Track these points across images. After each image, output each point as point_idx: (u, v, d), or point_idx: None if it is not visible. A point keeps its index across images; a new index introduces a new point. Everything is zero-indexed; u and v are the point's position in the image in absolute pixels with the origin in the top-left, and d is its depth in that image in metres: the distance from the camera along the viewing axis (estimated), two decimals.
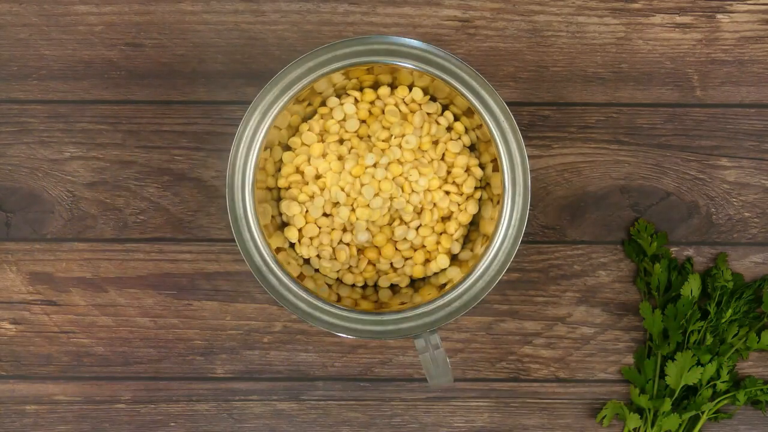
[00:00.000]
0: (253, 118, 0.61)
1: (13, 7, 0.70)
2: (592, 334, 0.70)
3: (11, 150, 0.70)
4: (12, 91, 0.70)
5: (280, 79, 0.61)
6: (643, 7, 0.70)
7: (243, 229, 0.61)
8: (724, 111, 0.70)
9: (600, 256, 0.70)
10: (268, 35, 0.70)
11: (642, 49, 0.70)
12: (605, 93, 0.70)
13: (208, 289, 0.70)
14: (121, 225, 0.70)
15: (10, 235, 0.70)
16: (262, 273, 0.62)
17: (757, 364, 0.70)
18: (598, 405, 0.70)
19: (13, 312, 0.70)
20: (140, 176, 0.70)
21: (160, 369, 0.70)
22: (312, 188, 0.65)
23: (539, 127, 0.70)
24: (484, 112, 0.61)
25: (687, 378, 0.66)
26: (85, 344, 0.70)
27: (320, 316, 0.61)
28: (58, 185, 0.70)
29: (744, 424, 0.70)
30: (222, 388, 0.70)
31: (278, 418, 0.70)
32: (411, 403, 0.71)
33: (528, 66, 0.70)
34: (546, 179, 0.70)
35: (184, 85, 0.70)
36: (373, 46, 0.61)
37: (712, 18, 0.70)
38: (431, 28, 0.70)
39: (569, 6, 0.70)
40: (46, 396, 0.70)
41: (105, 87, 0.70)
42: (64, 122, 0.70)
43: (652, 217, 0.70)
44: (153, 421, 0.70)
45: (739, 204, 0.70)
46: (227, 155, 0.62)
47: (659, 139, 0.70)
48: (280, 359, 0.70)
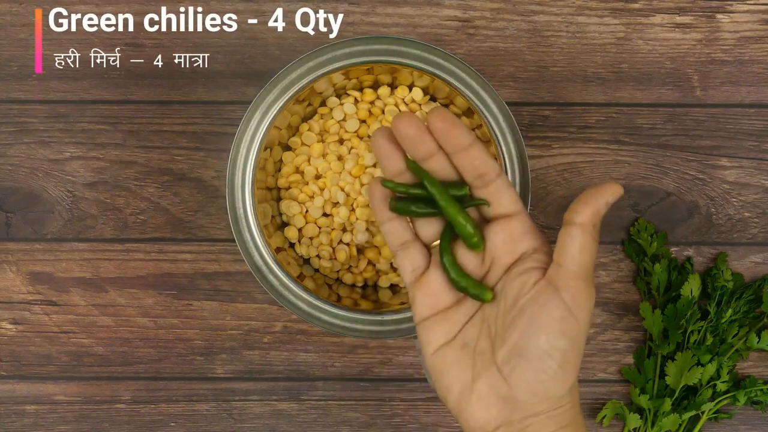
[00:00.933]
0: (253, 118, 0.61)
1: (13, 7, 0.70)
2: (592, 334, 0.70)
3: (11, 150, 0.70)
4: (12, 91, 0.70)
5: (280, 79, 0.61)
6: (643, 7, 0.70)
7: (243, 229, 0.61)
8: (724, 111, 0.70)
9: (600, 256, 0.70)
10: (268, 35, 0.70)
11: (642, 49, 0.70)
12: (605, 93, 0.70)
13: (208, 289, 0.70)
14: (121, 225, 0.70)
15: (10, 235, 0.70)
16: (262, 273, 0.62)
17: (757, 364, 0.70)
18: (598, 405, 0.70)
19: (13, 312, 0.70)
20: (140, 176, 0.70)
21: (160, 369, 0.70)
22: (312, 188, 0.65)
23: (539, 127, 0.70)
24: (484, 112, 0.61)
25: (687, 378, 0.66)
26: (85, 344, 0.70)
27: (320, 316, 0.61)
28: (58, 185, 0.70)
29: (744, 424, 0.70)
30: (222, 388, 0.70)
31: (278, 418, 0.70)
32: (411, 403, 0.71)
33: (528, 66, 0.70)
34: (546, 179, 0.70)
35: (184, 85, 0.70)
36: (373, 46, 0.61)
37: (712, 18, 0.70)
38: (431, 28, 0.70)
39: (569, 6, 0.70)
40: (46, 396, 0.70)
41: (105, 87, 0.70)
42: (64, 122, 0.70)
43: (652, 217, 0.70)
44: (153, 421, 0.70)
45: (739, 204, 0.70)
46: (227, 155, 0.62)
47: (659, 139, 0.70)
48: (280, 359, 0.70)
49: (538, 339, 0.44)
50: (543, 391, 0.45)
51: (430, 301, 0.48)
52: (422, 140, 0.46)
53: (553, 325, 0.44)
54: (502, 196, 0.47)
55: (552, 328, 0.44)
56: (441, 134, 0.46)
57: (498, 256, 0.47)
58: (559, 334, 0.44)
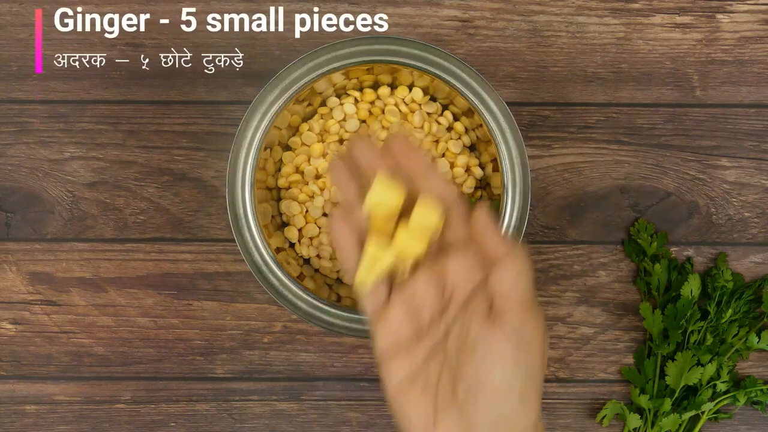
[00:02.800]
0: (253, 118, 0.61)
1: (13, 7, 0.70)
2: (592, 334, 0.70)
3: (11, 150, 0.70)
4: (12, 91, 0.70)
5: (280, 79, 0.61)
6: (643, 7, 0.70)
7: (243, 229, 0.61)
8: (724, 111, 0.70)
9: (600, 256, 0.70)
10: (268, 35, 0.70)
11: (642, 49, 0.70)
12: (605, 93, 0.70)
13: (208, 289, 0.70)
14: (121, 225, 0.70)
15: (10, 235, 0.70)
16: (262, 273, 0.62)
17: (757, 364, 0.70)
18: (598, 405, 0.70)
19: (13, 312, 0.70)
20: (140, 176, 0.70)
21: (160, 369, 0.70)
22: (312, 188, 0.65)
23: (539, 127, 0.70)
24: (484, 112, 0.61)
25: (687, 378, 0.66)
26: (85, 344, 0.70)
27: (320, 316, 0.61)
28: (58, 185, 0.70)
29: (744, 424, 0.70)
30: (222, 388, 0.70)
31: (278, 418, 0.70)
32: None
33: (528, 66, 0.70)
34: (546, 179, 0.70)
35: (184, 85, 0.70)
36: (373, 46, 0.61)
37: (712, 18, 0.70)
38: (431, 28, 0.70)
39: (569, 6, 0.70)
40: (46, 396, 0.70)
41: (105, 87, 0.70)
42: (64, 122, 0.70)
43: (652, 217, 0.70)
44: (153, 421, 0.70)
45: (739, 204, 0.70)
46: (227, 155, 0.62)
47: (659, 139, 0.70)
48: (280, 359, 0.70)
49: (494, 377, 0.43)
50: (506, 428, 0.43)
51: (390, 333, 0.46)
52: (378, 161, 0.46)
53: (506, 361, 0.43)
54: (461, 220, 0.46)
55: (506, 365, 0.43)
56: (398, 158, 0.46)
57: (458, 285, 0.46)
58: (514, 369, 0.43)
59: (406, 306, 0.46)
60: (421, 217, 0.45)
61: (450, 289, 0.46)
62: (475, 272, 0.45)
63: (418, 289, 0.46)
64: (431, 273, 0.46)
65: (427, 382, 0.46)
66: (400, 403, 0.46)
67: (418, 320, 0.47)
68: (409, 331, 0.47)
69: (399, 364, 0.46)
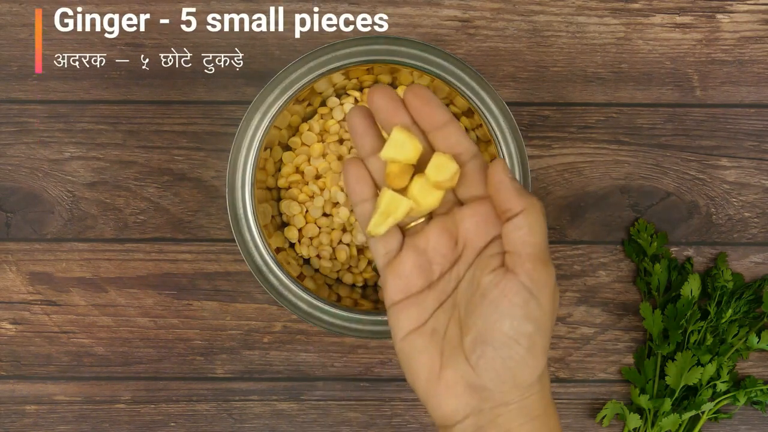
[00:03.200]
0: (253, 118, 0.61)
1: (13, 7, 0.70)
2: (592, 334, 0.70)
3: (11, 150, 0.70)
4: (12, 91, 0.70)
5: (280, 79, 0.61)
6: (643, 7, 0.70)
7: (243, 229, 0.61)
8: (724, 111, 0.70)
9: (600, 256, 0.70)
10: (268, 35, 0.70)
11: (642, 49, 0.70)
12: (605, 93, 0.70)
13: (208, 289, 0.70)
14: (121, 225, 0.70)
15: (10, 235, 0.70)
16: (262, 273, 0.62)
17: (757, 364, 0.70)
18: (598, 405, 0.70)
19: (13, 312, 0.70)
20: (140, 176, 0.70)
21: (160, 369, 0.70)
22: (312, 188, 0.65)
23: (539, 127, 0.70)
24: (484, 112, 0.61)
25: (687, 378, 0.66)
26: (85, 344, 0.70)
27: (320, 316, 0.61)
28: (58, 185, 0.70)
29: (744, 424, 0.70)
30: (222, 388, 0.70)
31: (278, 418, 0.70)
32: (411, 403, 0.71)
33: (528, 66, 0.70)
34: (546, 179, 0.70)
35: (184, 85, 0.70)
36: (373, 46, 0.61)
37: (712, 18, 0.70)
38: (431, 28, 0.70)
39: (569, 6, 0.70)
40: (46, 396, 0.70)
41: (105, 87, 0.70)
42: (64, 122, 0.70)
43: (652, 217, 0.70)
44: (153, 421, 0.70)
45: (739, 204, 0.70)
46: (227, 155, 0.62)
47: (659, 139, 0.70)
48: (280, 359, 0.70)
49: (503, 325, 0.43)
50: (511, 379, 0.44)
51: (401, 284, 0.47)
52: (396, 113, 0.45)
53: (516, 310, 0.43)
54: (477, 177, 0.46)
55: (515, 313, 0.43)
56: (417, 111, 0.45)
57: (470, 239, 0.46)
58: (524, 319, 0.43)
59: (418, 257, 0.47)
60: (436, 171, 0.45)
61: (462, 243, 0.46)
62: (488, 227, 0.45)
63: (431, 241, 0.47)
64: (444, 226, 0.46)
65: (436, 332, 0.46)
66: (407, 351, 0.46)
67: (429, 272, 0.47)
68: (419, 282, 0.47)
69: (408, 313, 0.46)
